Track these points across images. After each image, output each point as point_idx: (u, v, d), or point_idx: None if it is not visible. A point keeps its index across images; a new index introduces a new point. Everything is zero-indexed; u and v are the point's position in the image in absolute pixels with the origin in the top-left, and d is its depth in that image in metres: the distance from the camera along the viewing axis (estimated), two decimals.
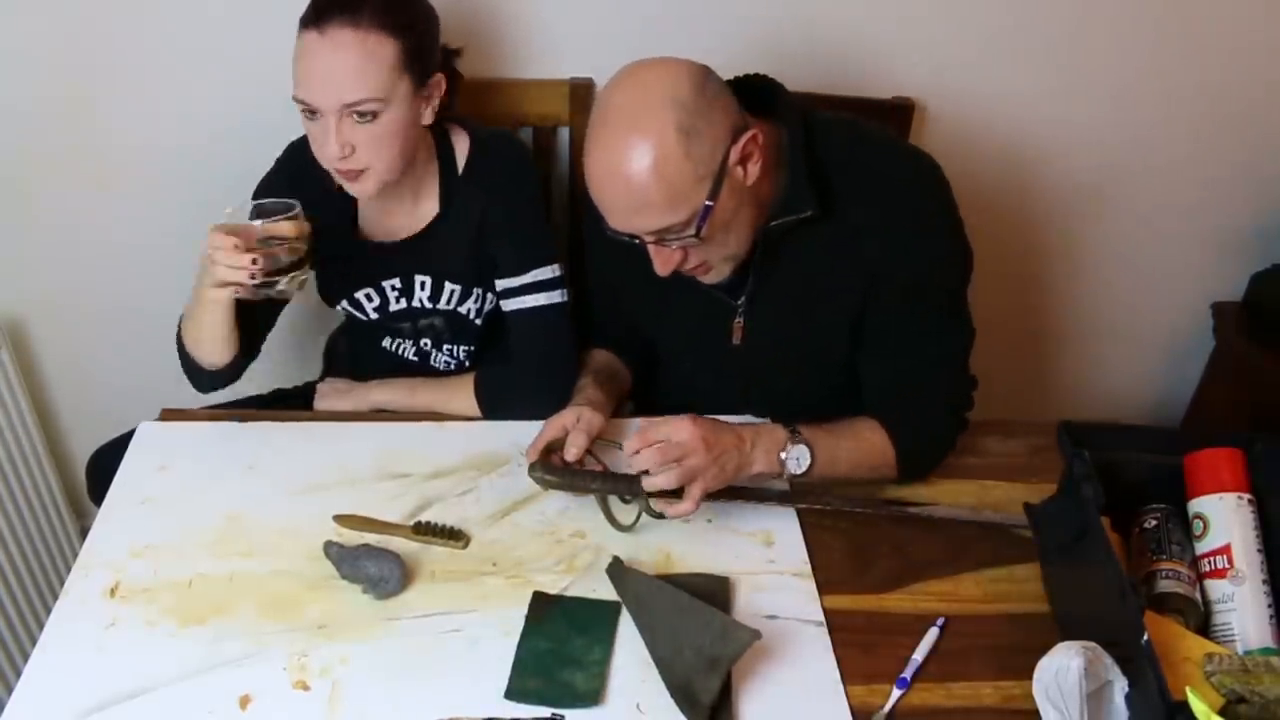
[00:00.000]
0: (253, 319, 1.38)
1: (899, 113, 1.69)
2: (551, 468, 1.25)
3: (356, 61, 1.22)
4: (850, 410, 1.32)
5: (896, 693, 1.08)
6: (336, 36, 1.21)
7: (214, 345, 1.33)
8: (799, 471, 1.24)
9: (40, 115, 1.63)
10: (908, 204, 1.24)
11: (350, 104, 1.23)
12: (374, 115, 1.24)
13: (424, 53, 1.28)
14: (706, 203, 1.13)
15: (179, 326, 1.38)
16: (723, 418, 1.24)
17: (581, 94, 1.66)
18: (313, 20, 1.23)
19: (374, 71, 1.22)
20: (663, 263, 1.18)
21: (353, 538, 1.20)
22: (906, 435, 1.30)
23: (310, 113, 1.26)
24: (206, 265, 1.23)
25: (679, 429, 1.17)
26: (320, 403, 1.50)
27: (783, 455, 1.23)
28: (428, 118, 1.32)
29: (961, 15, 1.68)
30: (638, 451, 1.18)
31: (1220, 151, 1.86)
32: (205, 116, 1.63)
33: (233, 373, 1.39)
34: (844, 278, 1.26)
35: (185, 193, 1.67)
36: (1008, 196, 1.86)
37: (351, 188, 1.32)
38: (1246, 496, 1.13)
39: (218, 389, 1.42)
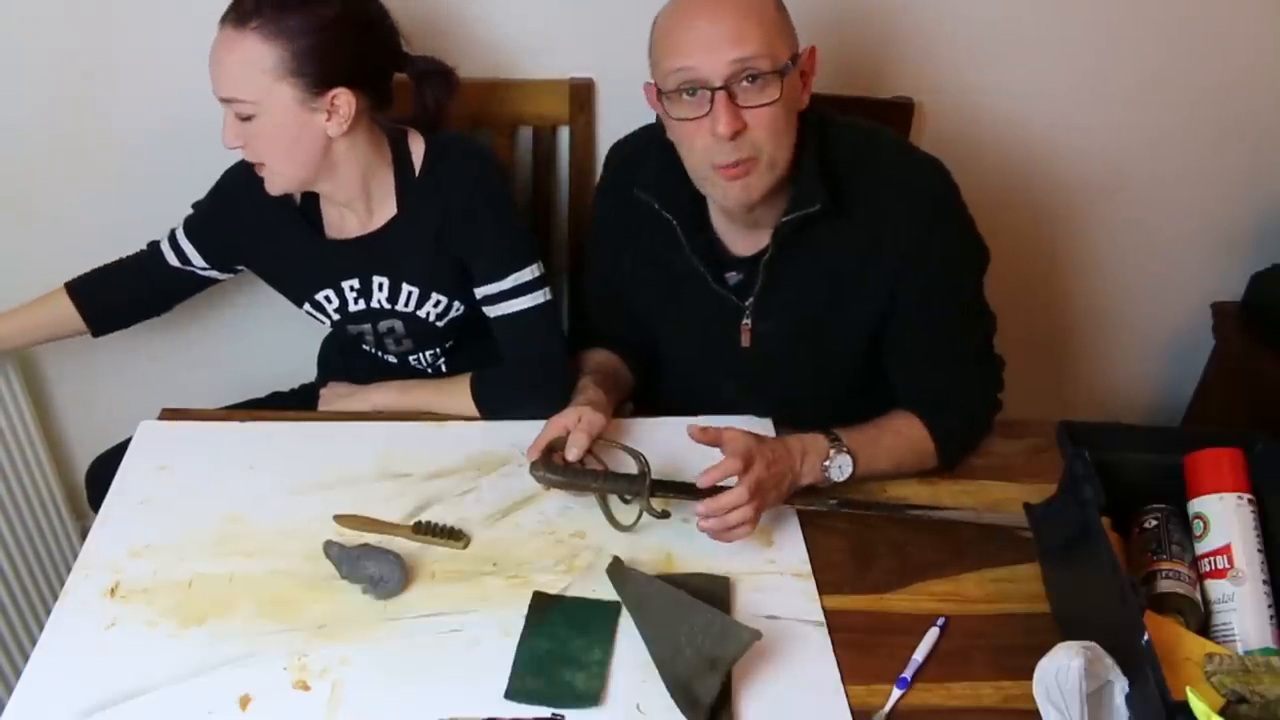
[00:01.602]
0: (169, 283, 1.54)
1: (899, 112, 1.69)
2: (553, 467, 1.25)
3: (230, 61, 1.27)
4: (855, 411, 1.33)
5: (896, 693, 1.08)
6: (224, 35, 1.27)
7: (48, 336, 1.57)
8: (842, 479, 1.25)
9: (40, 115, 1.63)
10: (923, 206, 1.24)
11: (224, 99, 1.29)
12: (250, 116, 1.28)
13: (317, 64, 1.27)
14: (788, 61, 1.16)
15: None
16: (724, 417, 1.23)
17: (581, 94, 1.66)
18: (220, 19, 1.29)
19: (242, 74, 1.26)
20: (729, 119, 1.15)
21: (353, 538, 1.20)
22: (945, 425, 1.31)
23: None
24: None
25: (739, 496, 1.15)
26: (323, 406, 1.51)
27: (825, 464, 1.24)
28: (334, 129, 1.30)
29: (961, 15, 1.68)
30: (705, 517, 1.17)
31: (1220, 152, 1.86)
32: (206, 116, 1.62)
33: (114, 317, 1.57)
34: (860, 281, 1.27)
35: (187, 192, 1.67)
36: (1007, 197, 1.86)
37: (263, 178, 1.36)
38: (1246, 496, 1.13)
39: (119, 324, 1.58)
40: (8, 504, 1.69)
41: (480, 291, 1.42)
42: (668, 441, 1.31)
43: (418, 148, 1.41)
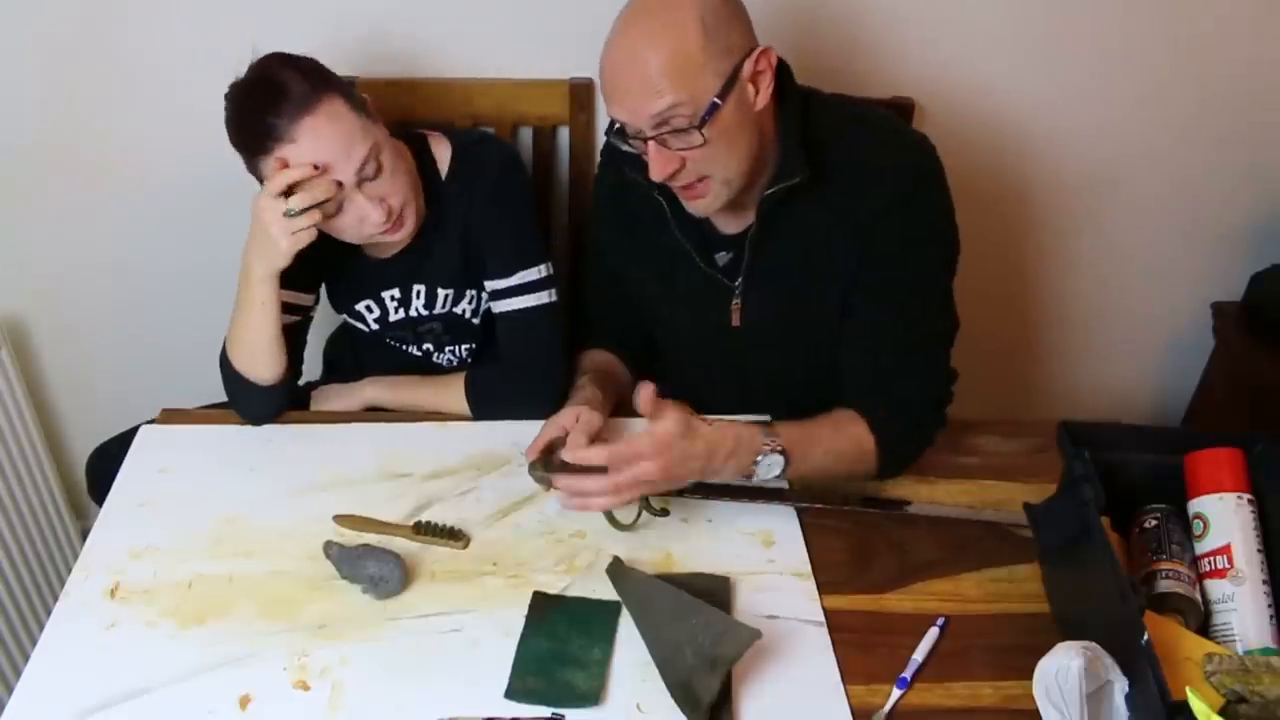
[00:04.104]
0: (289, 338, 1.37)
1: (899, 113, 1.69)
2: (552, 467, 1.25)
3: None
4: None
5: (896, 693, 1.08)
6: None
7: (267, 353, 1.33)
8: (769, 477, 1.23)
9: (40, 115, 1.63)
10: (901, 183, 1.24)
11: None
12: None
13: None
14: (715, 99, 1.14)
15: (224, 351, 1.36)
16: (714, 418, 1.21)
17: (581, 94, 1.66)
18: None
19: None
20: (661, 165, 1.18)
21: (353, 538, 1.20)
22: (886, 424, 1.28)
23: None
24: (258, 251, 1.26)
25: (647, 470, 1.14)
26: (315, 404, 1.50)
27: (755, 461, 1.21)
28: None
29: (961, 15, 1.68)
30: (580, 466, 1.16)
31: (1220, 152, 1.86)
32: (206, 117, 1.62)
33: (283, 393, 1.38)
34: (837, 255, 1.27)
35: (186, 193, 1.67)
36: (1007, 197, 1.86)
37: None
38: (1246, 496, 1.13)
39: (269, 416, 1.39)
40: (7, 504, 1.69)
41: (489, 285, 1.43)
42: None
43: (443, 152, 1.42)
